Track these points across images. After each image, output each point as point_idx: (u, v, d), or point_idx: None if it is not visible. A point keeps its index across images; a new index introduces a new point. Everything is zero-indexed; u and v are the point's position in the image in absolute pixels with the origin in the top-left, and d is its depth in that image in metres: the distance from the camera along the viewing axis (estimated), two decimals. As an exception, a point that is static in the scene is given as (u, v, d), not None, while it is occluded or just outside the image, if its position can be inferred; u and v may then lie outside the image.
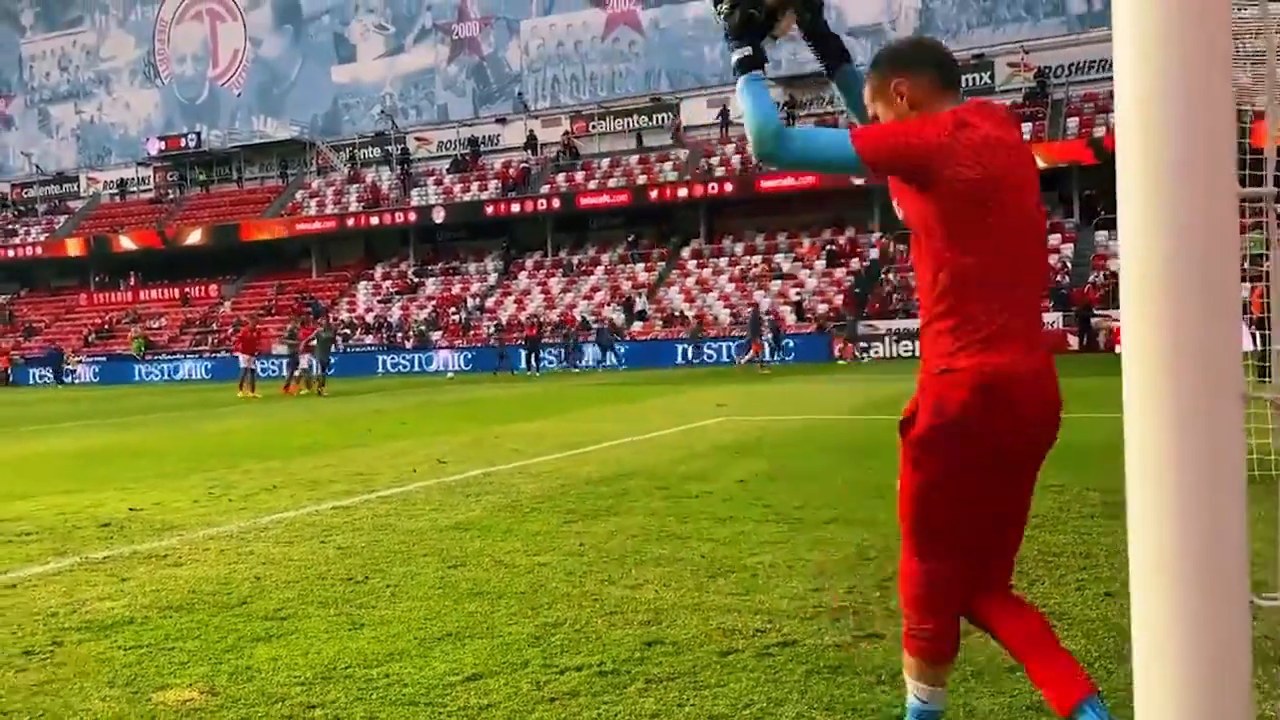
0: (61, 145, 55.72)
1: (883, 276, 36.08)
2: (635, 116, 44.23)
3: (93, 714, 3.30)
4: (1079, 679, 2.44)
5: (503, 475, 8.49)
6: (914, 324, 31.75)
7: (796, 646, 3.68)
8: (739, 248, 40.35)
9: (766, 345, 29.64)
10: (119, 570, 5.39)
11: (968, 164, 2.31)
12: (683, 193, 40.09)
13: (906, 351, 30.29)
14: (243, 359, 24.94)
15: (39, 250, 51.19)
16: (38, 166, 55.56)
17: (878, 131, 2.46)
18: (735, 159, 40.88)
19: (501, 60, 46.78)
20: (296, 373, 25.87)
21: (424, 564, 5.25)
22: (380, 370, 38.05)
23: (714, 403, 15.87)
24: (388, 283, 45.05)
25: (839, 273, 37.03)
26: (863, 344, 32.36)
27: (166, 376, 40.66)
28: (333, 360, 28.35)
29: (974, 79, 36.52)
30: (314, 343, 25.51)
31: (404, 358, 38.44)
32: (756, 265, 38.91)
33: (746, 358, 28.65)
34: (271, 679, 3.56)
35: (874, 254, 37.27)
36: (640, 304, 37.84)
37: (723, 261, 39.85)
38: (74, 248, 50.09)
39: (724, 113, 42.19)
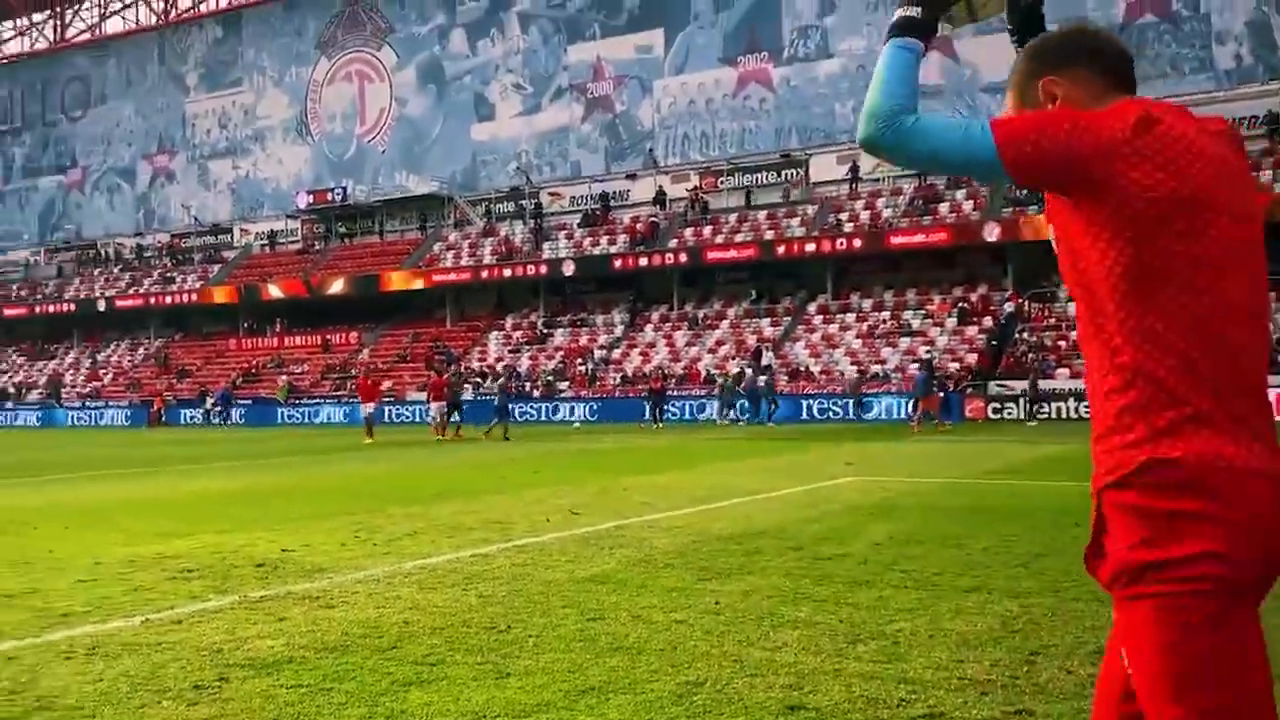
0: (218, 198, 58.96)
1: (1017, 335, 35.19)
2: (764, 172, 44.46)
3: (261, 749, 3.47)
4: None
5: (635, 528, 8.57)
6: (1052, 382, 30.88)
7: (944, 719, 3.63)
8: (867, 304, 39.96)
9: (939, 400, 27.89)
10: (276, 610, 5.65)
11: (1157, 170, 1.70)
12: (810, 248, 40.00)
13: (1043, 414, 29.43)
14: (364, 407, 25.91)
15: (193, 297, 54.07)
16: (196, 218, 58.88)
17: (1029, 121, 1.81)
18: (864, 214, 40.63)
19: (634, 118, 47.73)
20: (438, 419, 26.81)
21: (563, 615, 5.35)
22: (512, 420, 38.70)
23: (842, 461, 15.69)
24: (518, 333, 46.06)
25: (970, 330, 36.27)
26: (994, 404, 31.53)
27: (307, 420, 42.24)
28: (464, 406, 29.09)
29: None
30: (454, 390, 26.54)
31: (531, 407, 39.11)
32: (885, 321, 38.43)
33: (918, 416, 27.25)
34: (425, 724, 3.69)
35: (1008, 308, 36.42)
36: (766, 359, 37.76)
37: (850, 317, 39.50)
38: (225, 295, 52.76)
39: (854, 168, 42.04)
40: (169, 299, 54.79)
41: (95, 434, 38.16)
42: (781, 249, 40.53)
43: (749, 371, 34.17)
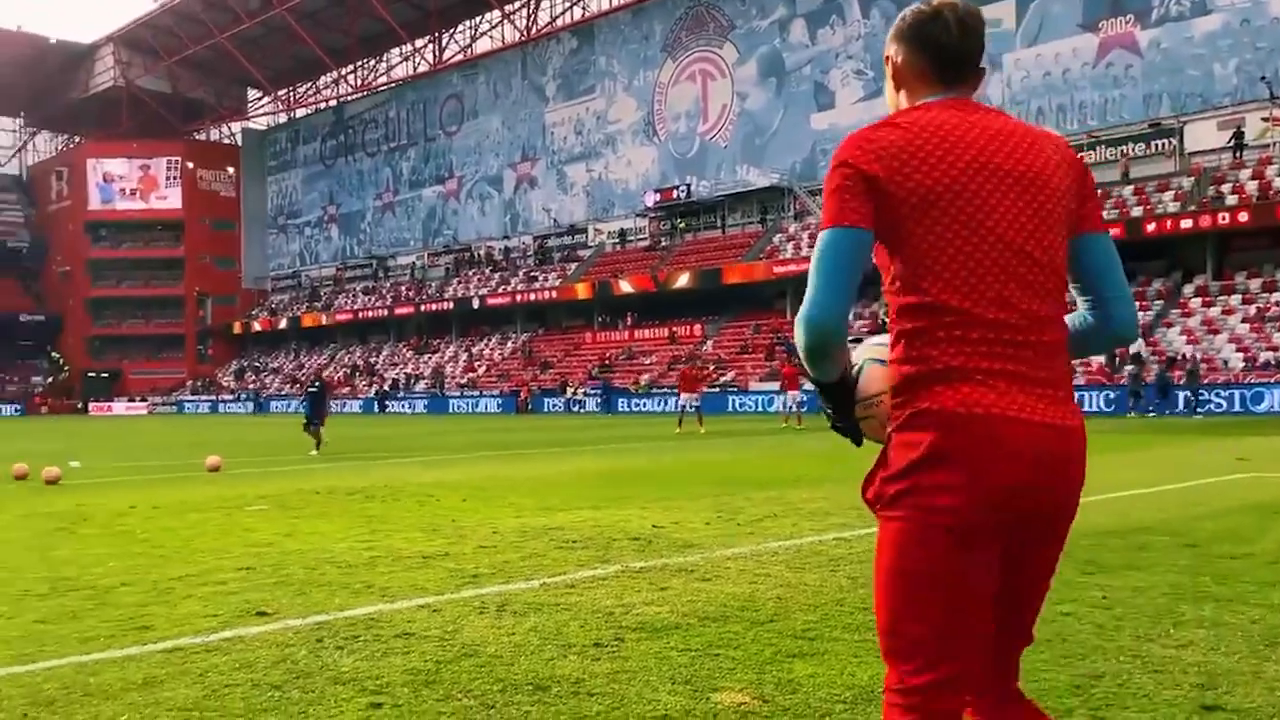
0: (574, 200, 62.85)
1: None
2: (1130, 144, 41.05)
3: (663, 705, 3.71)
4: None
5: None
6: None
7: (1396, 734, 3.25)
8: (1255, 284, 35.85)
9: None
10: (657, 580, 5.99)
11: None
12: (1186, 224, 36.46)
13: None
14: (683, 397, 26.49)
15: (554, 294, 58.02)
16: (555, 220, 63.14)
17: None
18: (1251, 185, 36.47)
19: (982, 96, 45.43)
20: (794, 407, 27.57)
21: (938, 601, 5.27)
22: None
23: (1232, 456, 14.24)
24: (859, 323, 45.52)
25: (1388, 312, 31.63)
26: None
27: (659, 408, 44.09)
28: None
29: None
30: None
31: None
32: (1277, 304, 34.31)
33: None
34: (814, 694, 3.78)
35: None
36: (1134, 346, 34.91)
37: (1234, 300, 35.61)
38: (581, 291, 56.17)
39: (1237, 135, 37.89)
40: (533, 296, 59.12)
41: (473, 420, 41.95)
42: (1152, 226, 37.27)
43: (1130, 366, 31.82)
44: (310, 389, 20.89)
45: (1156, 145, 40.39)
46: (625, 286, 53.75)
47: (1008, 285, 1.95)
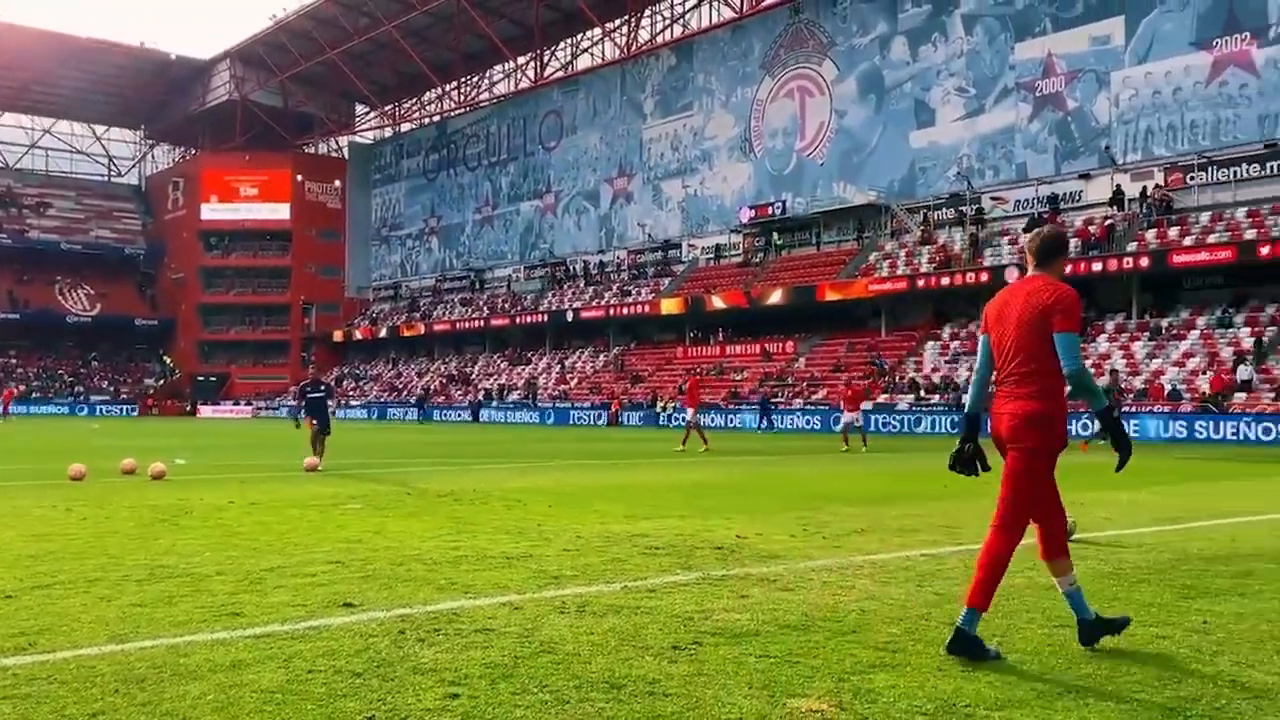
0: (669, 216, 63.01)
1: None
2: (1243, 165, 39.55)
3: (738, 708, 3.67)
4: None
5: (1098, 542, 8.00)
6: None
7: None
8: (1379, 312, 34.21)
9: None
10: (738, 588, 5.94)
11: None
12: (1304, 248, 34.93)
13: None
14: (845, 415, 24.94)
15: (646, 309, 58.18)
16: (650, 235, 63.37)
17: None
18: (1377, 208, 34.83)
19: (1088, 114, 44.47)
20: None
21: (1027, 619, 5.13)
22: (946, 431, 37.72)
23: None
24: (955, 343, 44.65)
25: None
26: None
27: (750, 424, 43.84)
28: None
29: None
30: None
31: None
32: (1404, 333, 32.67)
33: None
34: (894, 704, 3.70)
35: None
36: (1246, 372, 33.55)
37: (1354, 328, 34.00)
38: (674, 306, 56.22)
39: (1363, 155, 36.27)
40: (626, 310, 59.37)
41: (565, 430, 42.26)
42: (1266, 250, 35.83)
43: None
44: (312, 392, 17.78)
45: (1271, 167, 38.84)
46: (718, 302, 53.63)
47: None
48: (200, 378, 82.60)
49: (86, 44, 77.94)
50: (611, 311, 60.25)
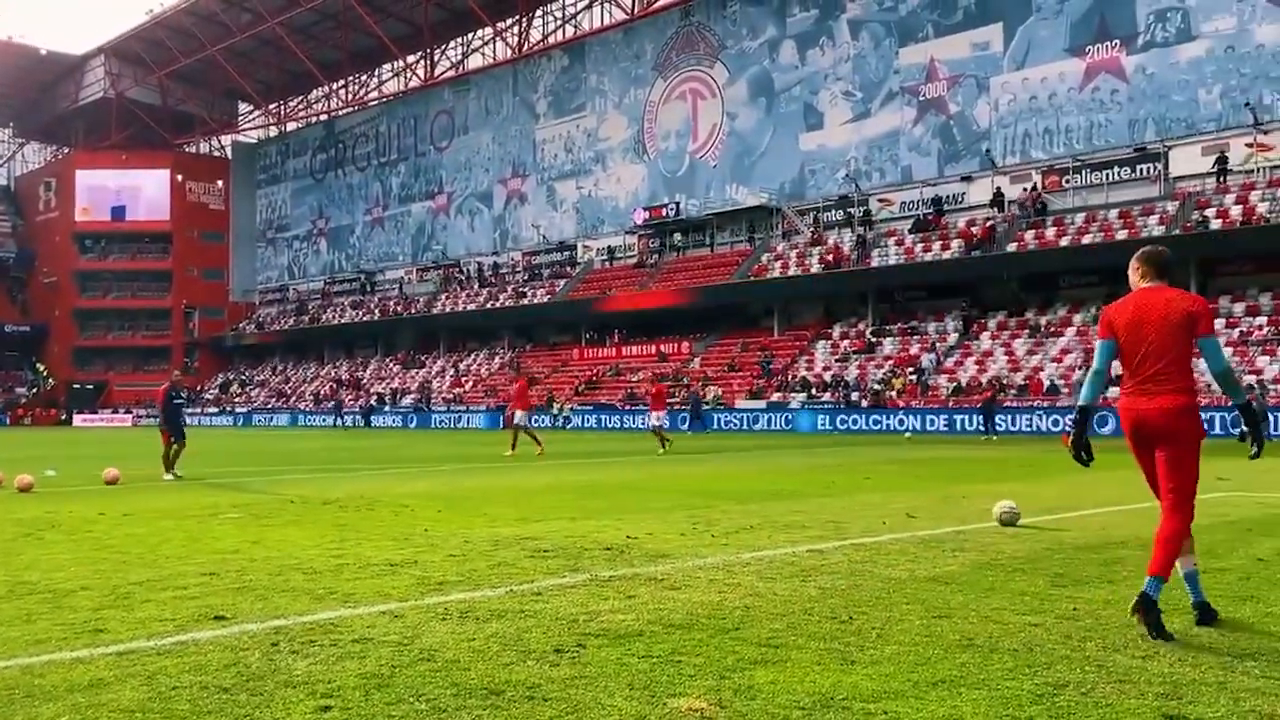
0: (564, 217, 62.85)
1: None
2: (1115, 169, 41.29)
3: (618, 710, 3.63)
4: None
5: (977, 534, 8.22)
6: None
7: (1358, 744, 3.19)
8: (1238, 308, 36.04)
9: None
10: (625, 589, 5.91)
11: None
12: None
13: None
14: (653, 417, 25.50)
15: (541, 310, 57.93)
16: (544, 237, 63.10)
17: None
18: (1235, 210, 36.71)
19: (969, 118, 45.86)
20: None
21: (906, 611, 5.21)
22: (834, 428, 38.45)
23: (1213, 476, 14.20)
24: (845, 342, 45.56)
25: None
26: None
27: (644, 424, 43.92)
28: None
29: None
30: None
31: (859, 416, 38.54)
32: (1261, 328, 34.48)
33: None
34: (773, 700, 3.71)
35: None
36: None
37: (1219, 323, 35.76)
38: (569, 308, 56.09)
39: (1221, 160, 38.17)
40: (520, 312, 58.98)
41: (458, 434, 41.77)
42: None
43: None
44: (174, 398, 16.99)
45: (1141, 170, 40.64)
46: (613, 304, 53.69)
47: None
48: (76, 385, 79.26)
49: (-52, 36, 74.18)
50: (506, 313, 59.88)
